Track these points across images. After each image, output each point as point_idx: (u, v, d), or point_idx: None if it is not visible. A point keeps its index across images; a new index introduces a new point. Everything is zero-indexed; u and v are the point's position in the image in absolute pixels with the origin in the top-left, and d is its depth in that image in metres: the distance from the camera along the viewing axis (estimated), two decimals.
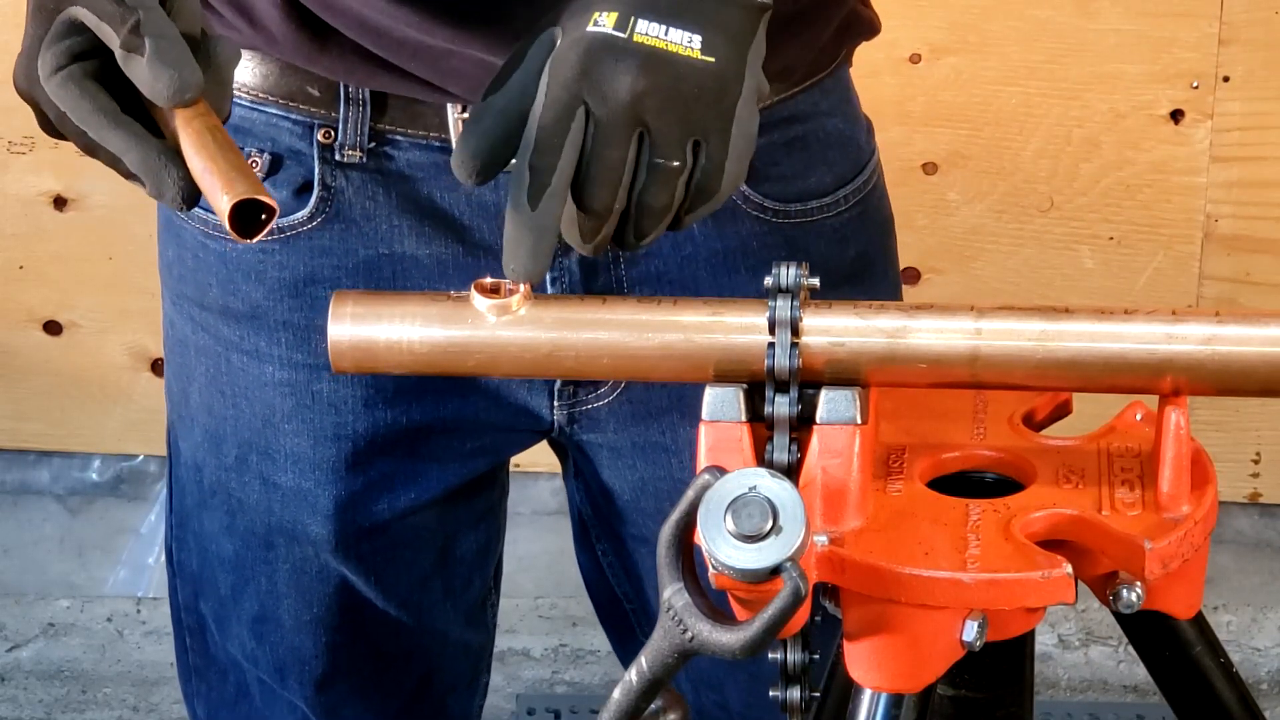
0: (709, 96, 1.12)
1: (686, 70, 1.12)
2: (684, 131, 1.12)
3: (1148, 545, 1.07)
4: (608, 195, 1.12)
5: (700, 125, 1.12)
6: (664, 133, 1.12)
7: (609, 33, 1.12)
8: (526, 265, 1.12)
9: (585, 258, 1.41)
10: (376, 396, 1.45)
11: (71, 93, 1.11)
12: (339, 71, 1.38)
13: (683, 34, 1.12)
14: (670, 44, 1.12)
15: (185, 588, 1.60)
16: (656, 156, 1.12)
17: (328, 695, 1.57)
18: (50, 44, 1.12)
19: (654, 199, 1.13)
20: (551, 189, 1.11)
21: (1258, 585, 2.84)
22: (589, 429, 1.49)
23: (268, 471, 1.48)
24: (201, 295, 1.47)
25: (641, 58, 1.11)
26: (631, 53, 1.11)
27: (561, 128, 1.11)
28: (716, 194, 1.14)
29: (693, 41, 1.12)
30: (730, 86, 1.13)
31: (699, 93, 1.12)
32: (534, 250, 1.12)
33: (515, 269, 1.13)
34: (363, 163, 1.40)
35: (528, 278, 1.13)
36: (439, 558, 1.54)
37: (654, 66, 1.11)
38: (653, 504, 1.51)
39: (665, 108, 1.11)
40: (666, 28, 1.12)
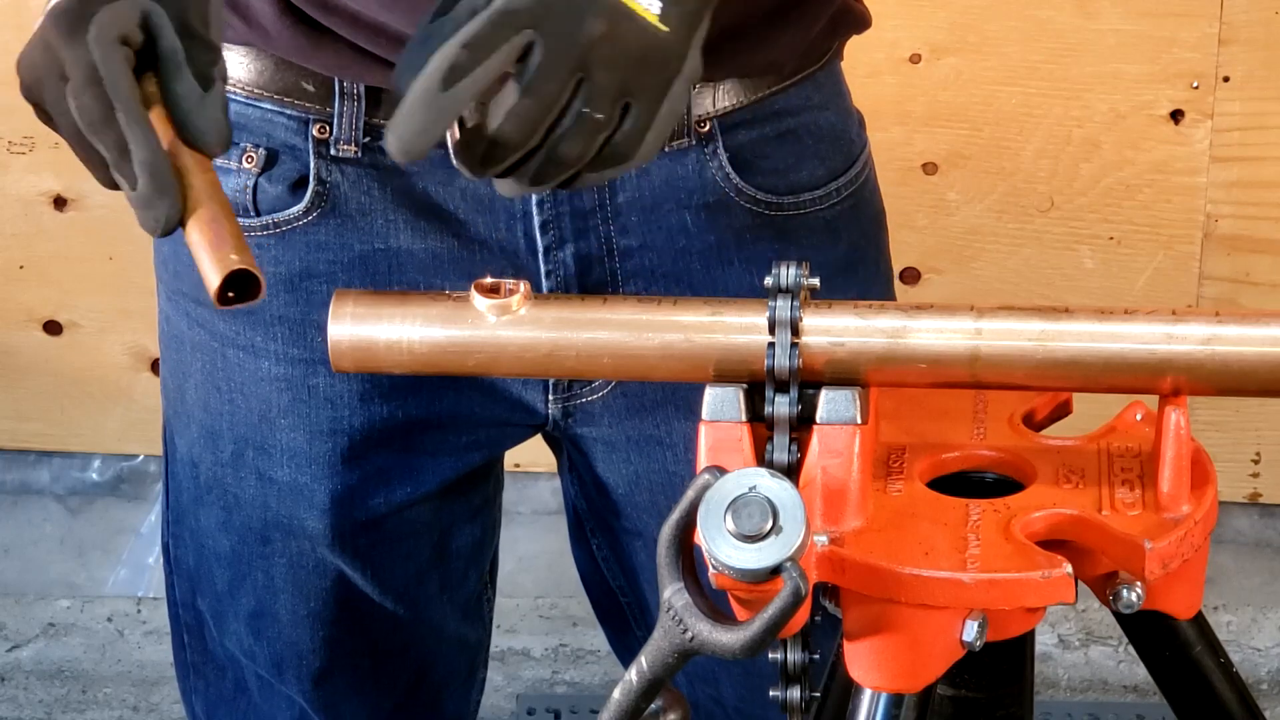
0: (654, 63, 1.11)
1: (642, 30, 1.10)
2: (620, 89, 1.10)
3: (1148, 545, 1.07)
4: (527, 129, 1.10)
5: (637, 87, 1.11)
6: (602, 85, 1.10)
7: None
8: (411, 141, 1.09)
9: (579, 252, 1.41)
10: (372, 391, 1.46)
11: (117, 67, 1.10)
12: (334, 67, 1.38)
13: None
14: (634, 1, 1.11)
15: (182, 584, 1.60)
16: (585, 106, 1.10)
17: (325, 690, 1.57)
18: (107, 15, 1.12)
19: (569, 148, 1.11)
20: (471, 79, 1.08)
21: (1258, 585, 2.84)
22: (584, 423, 1.49)
23: (264, 466, 1.48)
24: (197, 290, 1.47)
25: (606, 6, 1.10)
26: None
27: (501, 32, 1.08)
28: (628, 161, 1.13)
29: (653, 6, 1.11)
30: (674, 60, 1.12)
31: (646, 56, 1.11)
32: (425, 129, 1.08)
33: (398, 140, 1.08)
34: (358, 157, 1.40)
35: (404, 153, 1.09)
36: (435, 552, 1.55)
37: (613, 16, 1.10)
38: (647, 498, 1.51)
39: (612, 61, 1.10)
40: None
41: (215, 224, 1.11)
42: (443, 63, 1.07)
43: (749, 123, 1.43)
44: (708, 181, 1.42)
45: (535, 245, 1.42)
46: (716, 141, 1.42)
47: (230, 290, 1.10)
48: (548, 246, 1.41)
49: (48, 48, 1.14)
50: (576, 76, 1.09)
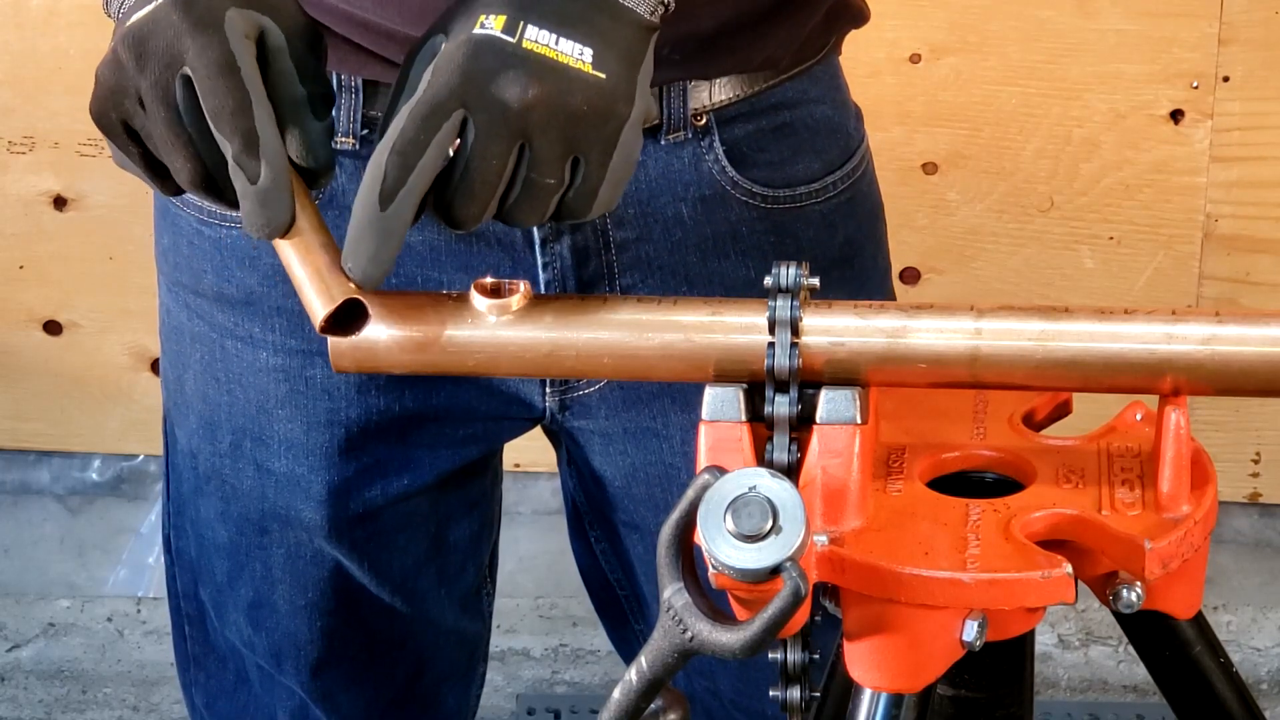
0: (597, 115, 1.08)
1: (577, 84, 1.07)
2: (566, 148, 1.08)
3: (1148, 545, 1.07)
4: (477, 209, 1.08)
5: (583, 143, 1.08)
6: (546, 148, 1.07)
7: (496, 35, 1.07)
8: (366, 269, 1.08)
9: (576, 245, 1.42)
10: (369, 383, 1.46)
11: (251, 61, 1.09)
12: (330, 62, 1.38)
13: (574, 45, 1.08)
14: (560, 54, 1.07)
15: (184, 575, 1.61)
16: (534, 172, 1.08)
17: (323, 680, 1.57)
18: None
19: (523, 215, 1.09)
20: (406, 189, 1.06)
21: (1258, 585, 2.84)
22: (580, 416, 1.50)
23: (261, 457, 1.49)
24: (196, 282, 1.47)
25: (531, 66, 1.06)
26: (521, 59, 1.07)
27: (430, 126, 1.06)
28: (584, 217, 1.11)
29: (584, 54, 1.08)
30: (620, 107, 1.09)
31: (587, 109, 1.08)
32: (376, 254, 1.07)
33: (354, 269, 1.08)
34: (355, 150, 1.41)
35: (365, 281, 1.08)
36: (432, 544, 1.55)
37: (544, 76, 1.06)
38: (644, 490, 1.51)
39: (551, 122, 1.07)
40: (557, 37, 1.08)
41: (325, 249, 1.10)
42: (375, 181, 1.06)
43: (745, 116, 1.43)
44: (704, 175, 1.42)
45: (532, 238, 1.42)
46: (713, 135, 1.42)
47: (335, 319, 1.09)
48: (544, 239, 1.42)
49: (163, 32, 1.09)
50: (518, 144, 1.07)
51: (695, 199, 1.43)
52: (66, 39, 2.51)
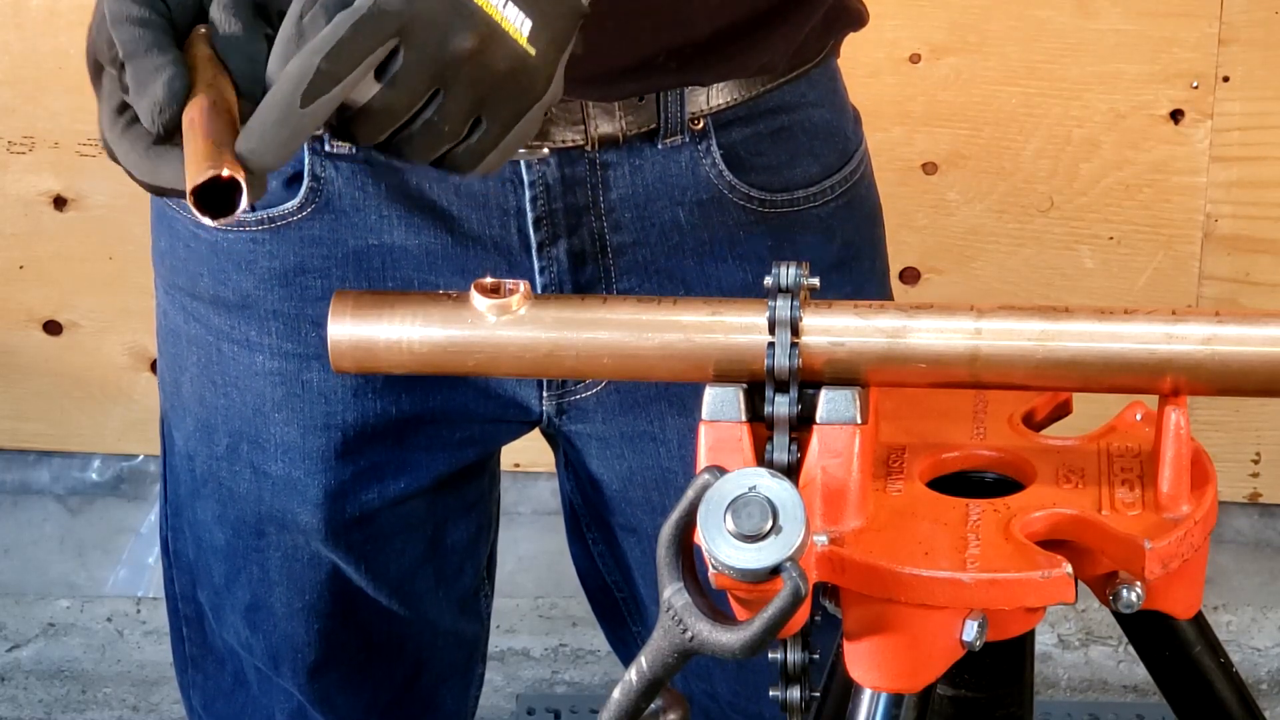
0: (516, 86, 1.09)
1: (509, 53, 1.08)
2: (474, 107, 1.09)
3: (1148, 545, 1.07)
4: (373, 133, 1.09)
5: (492, 108, 1.09)
6: (456, 101, 1.08)
7: None
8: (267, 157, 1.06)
9: (573, 249, 1.42)
10: (366, 386, 1.46)
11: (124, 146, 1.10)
12: None
13: (518, 14, 1.08)
14: (504, 19, 1.08)
15: (182, 577, 1.61)
16: (437, 116, 1.08)
17: (321, 683, 1.57)
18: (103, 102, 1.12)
19: (410, 152, 1.10)
20: (330, 95, 1.05)
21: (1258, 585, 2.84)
22: (577, 420, 1.50)
23: (258, 461, 1.49)
24: (193, 285, 1.47)
25: (474, 20, 1.07)
26: (469, 11, 1.07)
27: (368, 44, 1.06)
28: (465, 173, 1.12)
29: (523, 26, 1.08)
30: (538, 84, 1.10)
31: (508, 79, 1.09)
32: (283, 146, 1.06)
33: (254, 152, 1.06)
34: (352, 154, 1.41)
35: (260, 167, 1.06)
36: (429, 546, 1.55)
37: (482, 32, 1.07)
38: (640, 494, 1.51)
39: (472, 79, 1.08)
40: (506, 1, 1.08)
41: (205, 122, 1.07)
42: (301, 77, 1.05)
43: (743, 120, 1.43)
44: (701, 179, 1.42)
45: (529, 241, 1.42)
46: (710, 139, 1.42)
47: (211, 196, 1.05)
48: (541, 243, 1.42)
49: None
50: (434, 88, 1.08)
51: (693, 203, 1.43)
52: (67, 39, 2.51)
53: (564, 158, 1.40)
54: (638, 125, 1.40)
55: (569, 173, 1.40)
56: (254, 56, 1.10)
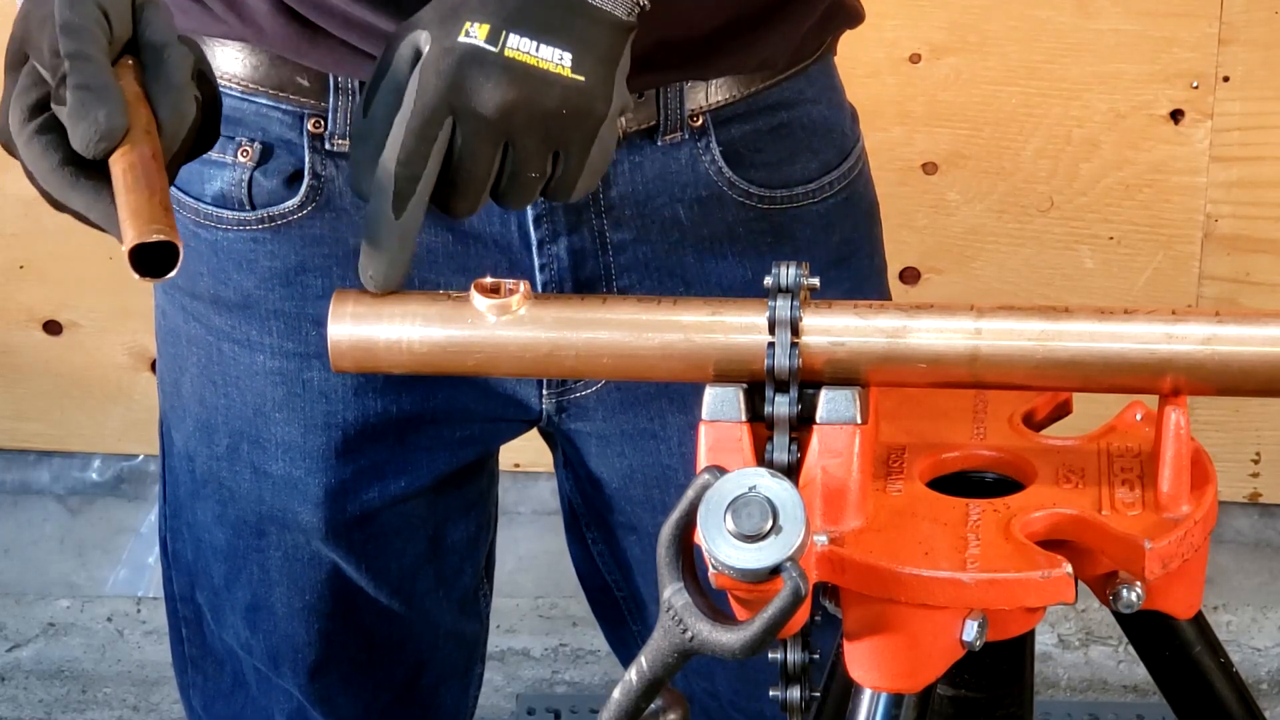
0: (575, 113, 1.16)
1: (556, 87, 1.15)
2: (547, 146, 1.16)
3: (1148, 545, 1.07)
4: (470, 203, 1.16)
5: (563, 139, 1.16)
6: (528, 146, 1.15)
7: (480, 45, 1.14)
8: (386, 274, 1.15)
9: (573, 246, 1.42)
10: (366, 386, 1.46)
11: (35, 149, 1.11)
12: (328, 64, 1.39)
13: (553, 51, 1.15)
14: (541, 60, 1.15)
15: (181, 578, 1.61)
16: (518, 167, 1.16)
17: (321, 683, 1.57)
18: (17, 97, 1.13)
19: (512, 202, 1.18)
20: (417, 198, 1.14)
21: (1258, 585, 2.84)
22: (577, 418, 1.50)
23: (259, 460, 1.49)
24: (193, 285, 1.47)
25: (512, 73, 1.14)
26: (502, 67, 1.14)
27: (429, 135, 1.14)
28: (567, 200, 1.19)
29: (563, 59, 1.15)
30: (598, 105, 1.17)
31: (566, 110, 1.15)
32: (395, 259, 1.15)
33: (374, 277, 1.15)
34: None
35: (384, 286, 1.15)
36: (429, 546, 1.55)
37: (523, 82, 1.14)
38: (641, 492, 1.51)
39: (531, 123, 1.15)
40: (538, 44, 1.15)
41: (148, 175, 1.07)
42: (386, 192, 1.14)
43: (742, 116, 1.43)
44: (701, 175, 1.42)
45: (529, 239, 1.42)
46: (709, 135, 1.42)
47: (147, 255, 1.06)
48: (541, 240, 1.42)
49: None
50: (502, 144, 1.15)
51: (692, 200, 1.43)
52: None
53: None
54: (638, 122, 1.40)
55: None
56: (185, 115, 1.13)
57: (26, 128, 1.11)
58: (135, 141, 1.09)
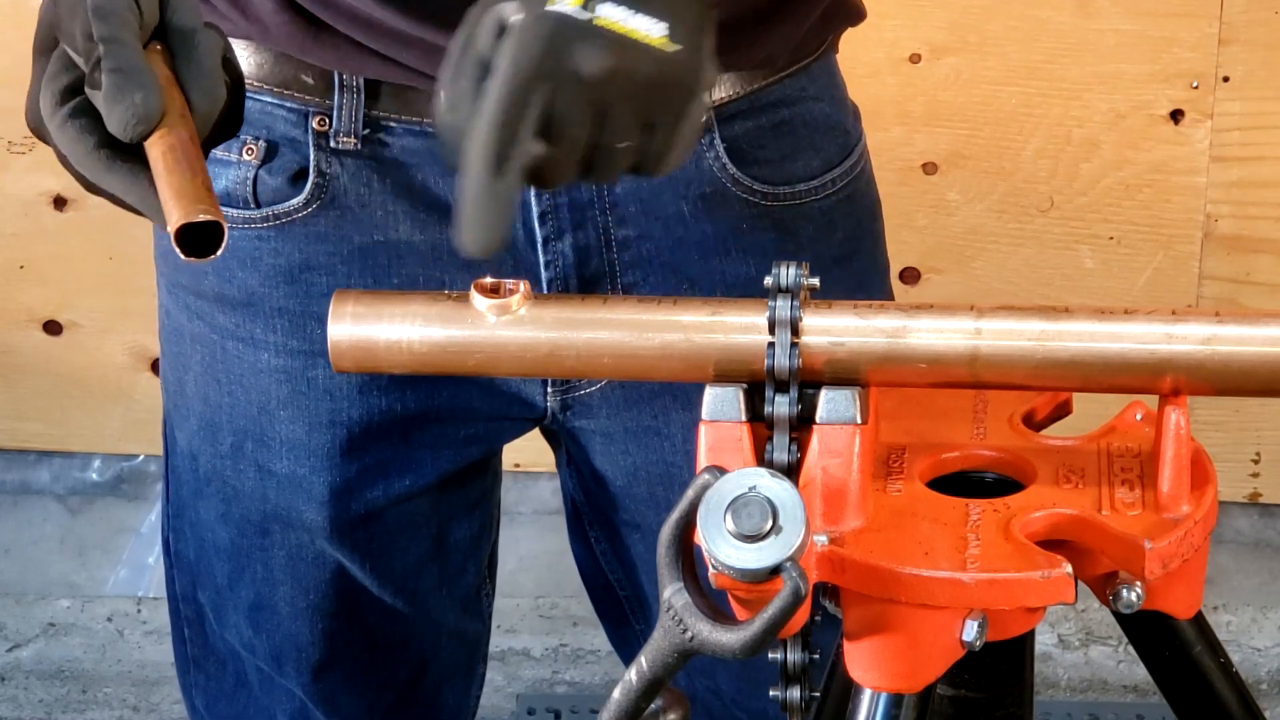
0: (671, 84, 1.12)
1: (650, 57, 1.11)
2: (641, 116, 1.11)
3: (1148, 545, 1.07)
4: (566, 172, 1.11)
5: (657, 110, 1.11)
6: (623, 115, 1.11)
7: (571, 13, 1.10)
8: (488, 237, 1.09)
9: (578, 243, 1.42)
10: (371, 384, 1.46)
11: (69, 133, 1.10)
12: (332, 61, 1.39)
13: (647, 20, 1.11)
14: (632, 30, 1.11)
15: (183, 578, 1.61)
16: (611, 138, 1.11)
17: (324, 682, 1.57)
18: (48, 82, 1.12)
19: (601, 176, 1.13)
20: (514, 161, 1.09)
21: (1258, 585, 2.84)
22: (582, 415, 1.50)
23: (263, 459, 1.49)
24: (197, 283, 1.47)
25: (606, 42, 1.10)
26: (596, 35, 1.10)
27: (526, 99, 1.08)
28: (656, 175, 1.14)
29: (658, 29, 1.11)
30: (692, 77, 1.12)
31: (660, 80, 1.11)
32: (496, 222, 1.09)
33: (476, 239, 1.09)
34: (357, 149, 1.41)
35: (486, 250, 1.10)
36: (433, 544, 1.55)
37: (620, 50, 1.10)
38: (645, 489, 1.51)
39: (627, 92, 1.10)
40: (630, 13, 1.11)
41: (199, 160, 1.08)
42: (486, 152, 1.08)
43: (745, 113, 1.44)
44: (704, 172, 1.43)
45: (534, 237, 1.42)
46: (713, 132, 1.42)
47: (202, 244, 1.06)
48: (546, 238, 1.42)
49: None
50: (595, 115, 1.10)
51: (696, 197, 1.43)
52: None
53: None
54: None
55: None
56: (217, 99, 1.13)
57: (59, 112, 1.10)
58: (172, 125, 1.09)
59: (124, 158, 1.09)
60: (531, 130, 1.09)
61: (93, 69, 1.09)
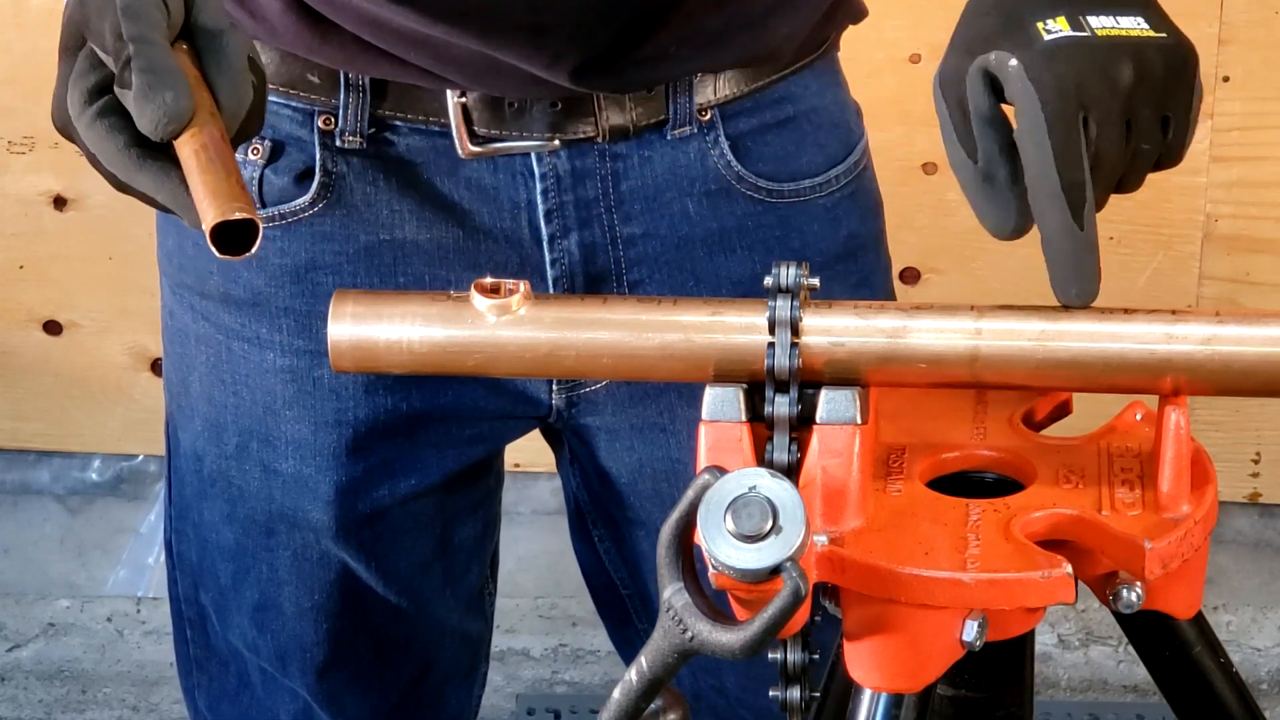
0: (1177, 70, 1.13)
1: (1155, 51, 1.12)
2: (1159, 112, 1.13)
3: (1148, 545, 1.07)
4: (1106, 193, 1.13)
5: (1171, 102, 1.13)
6: (1146, 118, 1.12)
7: (1074, 35, 1.11)
8: (1088, 286, 1.10)
9: (584, 241, 1.42)
10: (377, 383, 1.46)
11: (98, 132, 1.10)
12: (339, 61, 1.39)
13: (1130, 19, 1.13)
14: (1128, 30, 1.12)
15: (185, 579, 1.61)
16: (1141, 142, 1.12)
17: (328, 683, 1.57)
18: (76, 81, 1.11)
19: (1133, 184, 1.14)
20: (1089, 203, 1.10)
21: (1258, 585, 2.84)
22: (588, 413, 1.50)
23: (268, 459, 1.49)
24: (202, 283, 1.47)
25: (1121, 51, 1.11)
26: (1108, 48, 1.11)
27: (1077, 139, 1.09)
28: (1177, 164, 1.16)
29: (1141, 22, 1.13)
30: (1190, 56, 1.14)
31: (1170, 70, 1.13)
32: (1091, 270, 1.10)
33: (1079, 293, 1.10)
34: (363, 149, 1.41)
35: (1088, 300, 1.10)
36: (438, 545, 1.55)
37: (1133, 56, 1.11)
38: (650, 486, 1.52)
39: (1148, 94, 1.11)
40: (1115, 16, 1.13)
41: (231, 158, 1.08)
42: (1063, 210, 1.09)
43: (749, 111, 1.44)
44: (709, 169, 1.43)
45: (540, 235, 1.42)
46: (717, 129, 1.43)
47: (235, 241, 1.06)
48: (552, 235, 1.42)
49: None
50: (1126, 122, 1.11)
51: (701, 194, 1.44)
52: None
53: (574, 150, 1.40)
54: (647, 116, 1.41)
55: (579, 165, 1.41)
56: (245, 98, 1.12)
57: (88, 111, 1.10)
58: (202, 123, 1.09)
59: (154, 156, 1.09)
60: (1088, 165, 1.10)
61: (122, 68, 1.09)
